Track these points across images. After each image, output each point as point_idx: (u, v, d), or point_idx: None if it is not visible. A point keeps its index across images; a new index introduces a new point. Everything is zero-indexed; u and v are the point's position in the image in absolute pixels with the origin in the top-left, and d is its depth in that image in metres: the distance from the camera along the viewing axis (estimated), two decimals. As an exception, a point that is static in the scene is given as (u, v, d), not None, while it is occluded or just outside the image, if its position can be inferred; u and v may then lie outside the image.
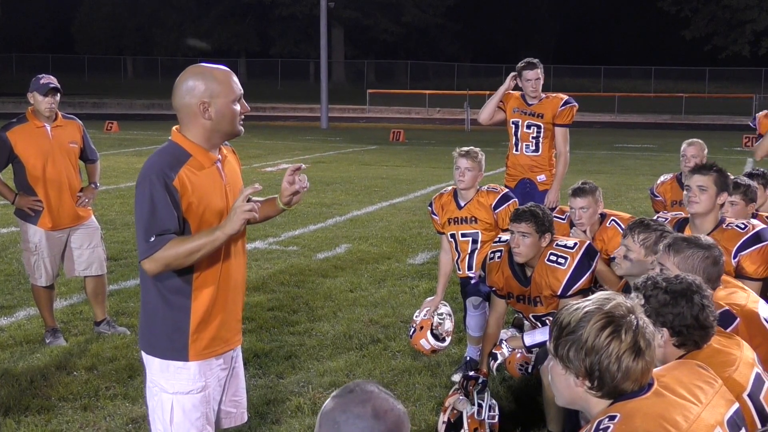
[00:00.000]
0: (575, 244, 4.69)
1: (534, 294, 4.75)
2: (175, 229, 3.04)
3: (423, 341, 5.57)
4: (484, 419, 4.56)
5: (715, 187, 4.60)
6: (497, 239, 5.14)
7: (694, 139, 6.80)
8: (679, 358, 2.83)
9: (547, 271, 4.64)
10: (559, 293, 4.61)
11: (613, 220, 5.41)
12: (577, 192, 5.37)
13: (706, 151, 6.68)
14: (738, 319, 3.34)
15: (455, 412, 4.57)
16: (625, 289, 4.35)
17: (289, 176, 3.26)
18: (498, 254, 4.94)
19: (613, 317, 2.26)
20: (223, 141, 3.25)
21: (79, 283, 7.26)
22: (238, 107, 3.18)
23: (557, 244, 4.69)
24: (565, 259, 4.60)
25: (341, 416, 1.96)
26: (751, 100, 36.11)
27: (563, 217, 5.68)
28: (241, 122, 3.23)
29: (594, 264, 4.65)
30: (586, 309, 2.29)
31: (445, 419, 4.59)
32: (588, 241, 4.84)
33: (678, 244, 3.55)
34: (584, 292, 4.45)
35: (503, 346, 4.73)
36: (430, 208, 5.94)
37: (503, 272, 4.86)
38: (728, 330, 3.19)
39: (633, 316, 2.28)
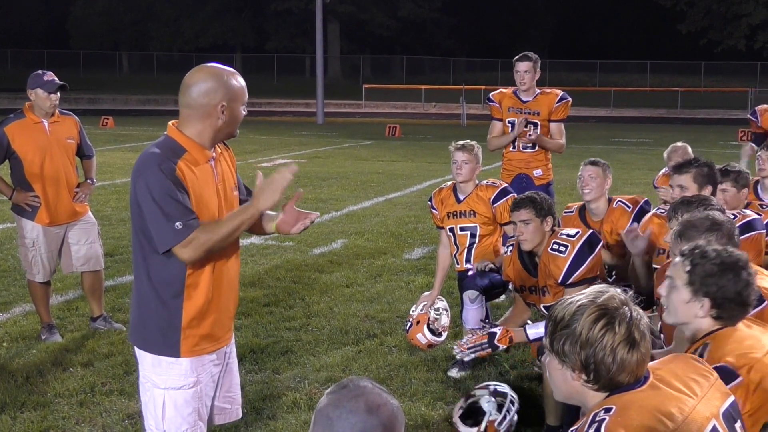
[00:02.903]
0: (577, 232, 4.76)
1: (541, 283, 4.84)
2: (194, 213, 3.07)
3: (419, 336, 5.58)
4: (500, 430, 4.52)
5: (695, 185, 4.62)
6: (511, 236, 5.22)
7: (679, 144, 6.67)
8: (710, 333, 2.86)
9: (549, 259, 4.72)
10: (560, 281, 4.64)
11: (619, 201, 5.60)
12: (591, 162, 5.59)
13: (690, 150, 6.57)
14: (766, 301, 3.34)
15: (473, 399, 4.46)
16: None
17: (292, 212, 3.28)
18: (510, 248, 5.06)
19: (607, 309, 2.27)
20: (221, 141, 3.30)
21: (75, 279, 7.25)
22: (244, 112, 3.26)
23: (561, 234, 4.77)
24: (566, 247, 4.66)
25: (334, 412, 1.96)
26: (747, 94, 36.15)
27: (572, 210, 5.78)
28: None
29: (596, 252, 4.67)
30: (579, 302, 2.30)
31: (464, 405, 4.51)
32: (590, 231, 4.88)
33: (689, 231, 3.54)
34: (590, 281, 4.45)
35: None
36: (429, 202, 5.99)
37: (514, 265, 4.97)
38: (754, 312, 3.19)
39: (626, 308, 2.29)
